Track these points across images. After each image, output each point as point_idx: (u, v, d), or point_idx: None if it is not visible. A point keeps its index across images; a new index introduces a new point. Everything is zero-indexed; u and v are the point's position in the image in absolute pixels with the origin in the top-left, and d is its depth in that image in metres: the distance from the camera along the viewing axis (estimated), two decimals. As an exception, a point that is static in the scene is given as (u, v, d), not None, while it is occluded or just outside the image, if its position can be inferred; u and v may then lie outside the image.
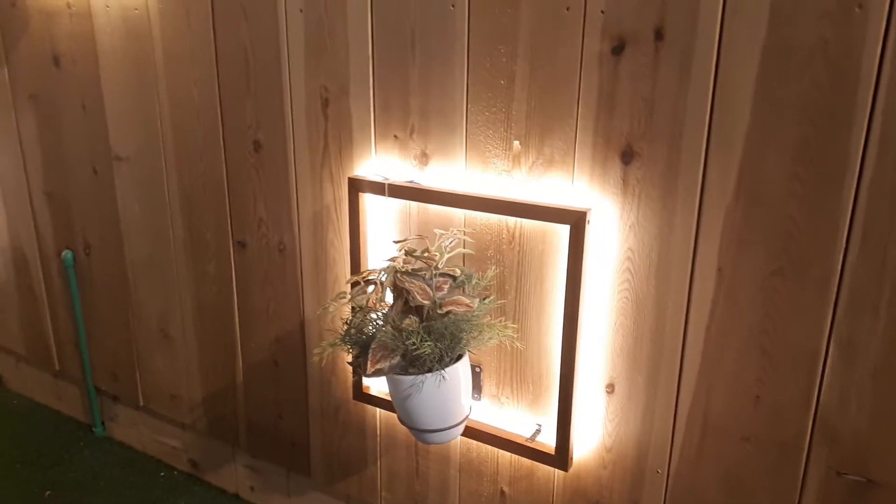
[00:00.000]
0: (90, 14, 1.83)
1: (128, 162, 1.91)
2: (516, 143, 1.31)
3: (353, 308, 1.32)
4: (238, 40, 1.60)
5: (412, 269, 1.28)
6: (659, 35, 1.13)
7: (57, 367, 2.36)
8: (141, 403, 2.16)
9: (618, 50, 1.17)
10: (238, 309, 1.83)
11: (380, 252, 1.53)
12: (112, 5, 1.78)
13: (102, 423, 2.31)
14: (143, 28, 1.74)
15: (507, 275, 1.38)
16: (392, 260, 1.30)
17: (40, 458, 2.19)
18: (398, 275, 1.27)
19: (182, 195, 1.83)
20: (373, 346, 1.25)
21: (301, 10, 1.49)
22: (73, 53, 1.91)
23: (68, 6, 1.87)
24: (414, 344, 1.19)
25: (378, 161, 1.49)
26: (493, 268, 1.38)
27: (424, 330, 1.22)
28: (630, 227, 1.23)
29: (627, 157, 1.21)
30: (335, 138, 1.54)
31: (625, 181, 1.22)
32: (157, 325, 2.02)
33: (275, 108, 1.60)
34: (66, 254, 2.14)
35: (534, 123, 1.28)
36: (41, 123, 2.06)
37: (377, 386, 1.60)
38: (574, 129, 1.25)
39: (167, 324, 2.00)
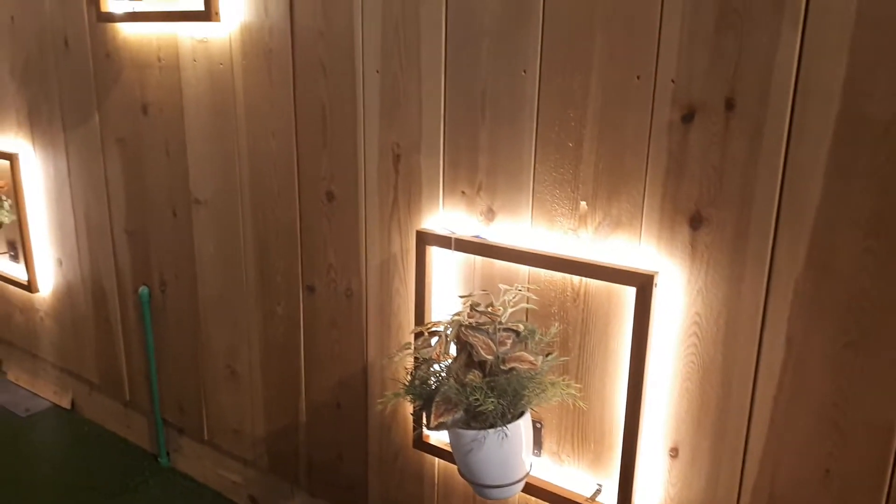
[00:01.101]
0: (178, 67, 1.95)
1: (206, 205, 2.01)
2: (583, 203, 1.34)
3: (416, 359, 1.36)
4: (316, 96, 1.68)
5: (476, 323, 1.31)
6: (730, 105, 1.15)
7: (127, 397, 2.46)
8: (205, 437, 2.23)
9: (688, 118, 1.19)
10: (304, 350, 1.89)
11: (444, 302, 1.57)
12: (199, 59, 1.90)
13: (168, 454, 2.39)
14: (226, 81, 1.85)
15: (570, 332, 1.39)
16: (457, 314, 1.33)
17: (107, 485, 2.28)
18: (462, 328, 1.30)
19: (256, 239, 1.91)
20: (436, 400, 1.27)
21: (377, 71, 1.56)
22: (161, 102, 2.03)
23: (158, 59, 2.00)
24: (478, 400, 1.22)
25: (445, 215, 1.54)
26: (556, 324, 1.40)
27: (487, 385, 1.24)
28: (698, 291, 1.24)
29: (696, 222, 1.22)
30: (405, 192, 1.59)
31: (693, 246, 1.23)
32: (224, 362, 2.10)
33: (348, 161, 1.67)
34: (143, 290, 2.24)
35: (601, 185, 1.31)
36: (126, 166, 2.19)
37: (437, 436, 1.62)
38: (642, 192, 1.27)
39: (234, 361, 2.07)
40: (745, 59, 1.13)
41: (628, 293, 1.29)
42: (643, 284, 1.25)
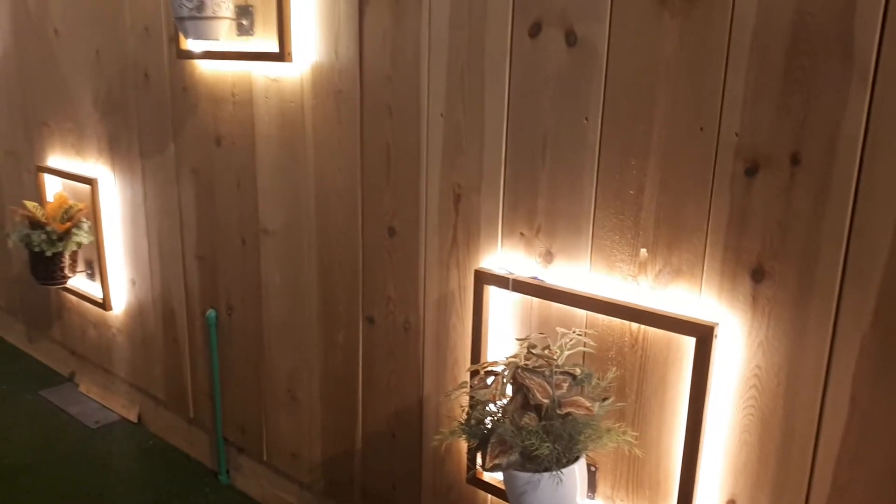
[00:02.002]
0: (251, 103, 2.05)
1: (273, 235, 2.09)
2: (643, 251, 1.35)
3: (471, 397, 1.38)
4: (382, 136, 1.74)
5: (533, 366, 1.33)
6: (795, 160, 1.15)
7: (191, 415, 2.56)
8: (264, 458, 2.30)
9: (751, 171, 1.19)
10: (362, 379, 1.94)
11: (500, 340, 1.59)
12: (271, 97, 1.98)
13: (227, 472, 2.47)
14: (297, 118, 1.93)
15: (627, 378, 1.40)
16: (514, 355, 1.36)
17: (169, 499, 2.37)
18: (519, 370, 1.32)
19: (320, 269, 1.98)
20: (492, 441, 1.30)
21: (441, 115, 1.61)
22: (234, 135, 2.13)
23: (233, 95, 2.10)
24: (533, 444, 1.23)
25: (504, 255, 1.56)
26: (613, 369, 1.41)
27: (543, 430, 1.26)
28: (759, 344, 1.23)
29: (758, 275, 1.21)
30: (464, 230, 1.63)
31: (754, 298, 1.22)
32: (285, 386, 2.17)
33: (410, 199, 1.72)
34: (210, 312, 2.34)
35: (662, 233, 1.32)
36: (199, 195, 2.30)
37: (491, 473, 1.64)
38: (703, 242, 1.27)
39: (295, 386, 2.14)
40: (811, 115, 1.12)
41: (687, 342, 1.30)
42: (703, 335, 1.25)
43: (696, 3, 1.21)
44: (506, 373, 1.34)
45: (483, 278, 1.56)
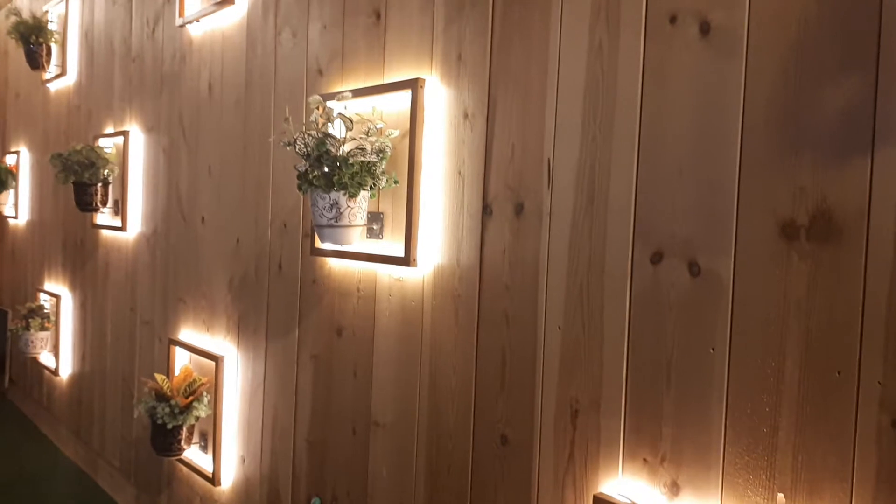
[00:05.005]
0: (374, 299, 2.16)
1: (384, 429, 2.11)
2: (780, 495, 1.26)
3: None
4: (498, 342, 1.78)
5: None
6: (951, 417, 1.07)
7: None
8: None
9: (900, 424, 1.12)
10: None
11: (619, 574, 1.49)
12: (394, 295, 2.09)
13: None
14: (416, 317, 2.01)
15: None
16: None
17: None
18: None
19: (427, 470, 1.96)
20: None
21: (559, 328, 1.63)
22: (354, 327, 2.23)
23: (358, 290, 2.22)
24: None
25: (624, 480, 1.50)
26: None
27: None
28: None
29: (917, 540, 1.10)
30: (581, 448, 1.59)
31: (915, 567, 1.10)
32: (384, 591, 2.08)
33: (525, 409, 1.71)
34: (315, 500, 2.33)
35: (801, 479, 1.23)
36: (316, 381, 2.38)
37: None
38: (849, 494, 1.18)
39: (394, 592, 2.05)
40: (965, 370, 1.06)
41: None
42: None
43: (825, 247, 1.22)
44: None
45: (601, 504, 1.50)
